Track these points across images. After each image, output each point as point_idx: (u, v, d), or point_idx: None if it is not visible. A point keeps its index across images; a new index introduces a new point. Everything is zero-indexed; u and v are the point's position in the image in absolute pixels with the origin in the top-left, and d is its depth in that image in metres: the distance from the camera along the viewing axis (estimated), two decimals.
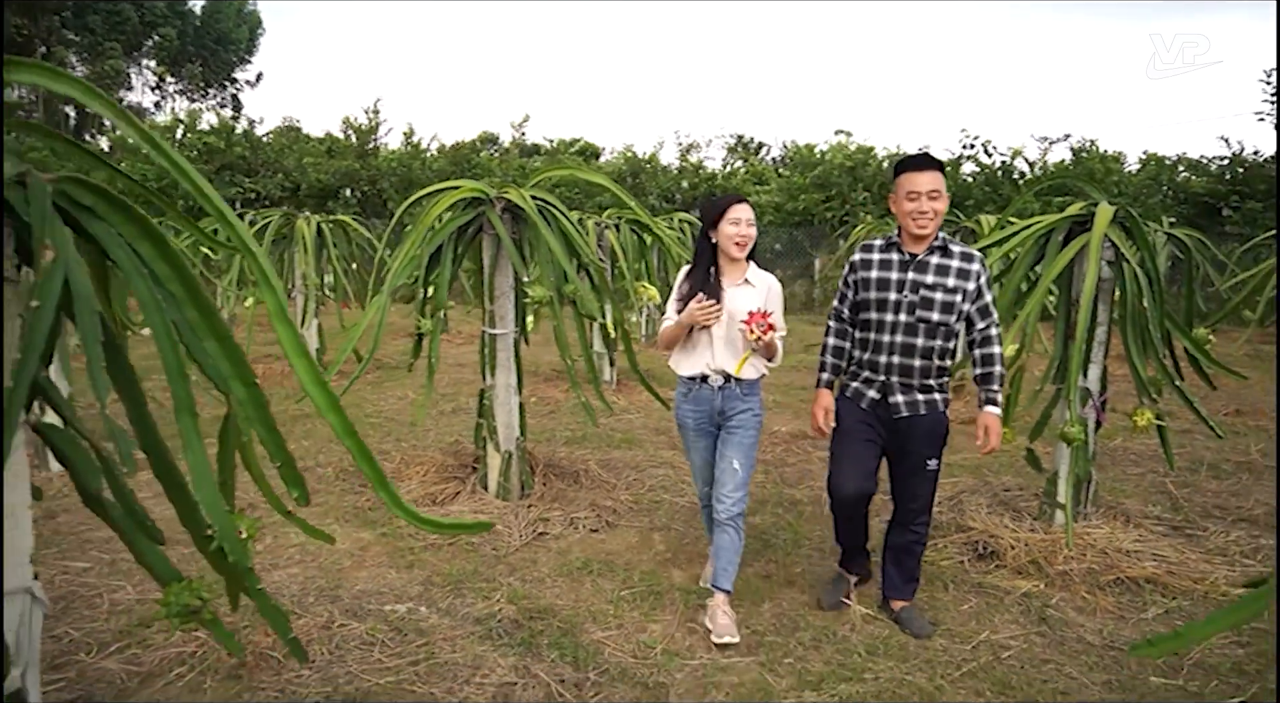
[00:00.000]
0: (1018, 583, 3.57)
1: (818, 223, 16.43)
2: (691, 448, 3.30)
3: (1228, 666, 2.94)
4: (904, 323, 3.01)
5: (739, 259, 3.11)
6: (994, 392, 3.06)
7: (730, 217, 3.08)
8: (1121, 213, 3.82)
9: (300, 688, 2.70)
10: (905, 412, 3.05)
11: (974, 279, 3.01)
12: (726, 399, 3.12)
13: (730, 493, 3.12)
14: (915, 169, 2.97)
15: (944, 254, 3.02)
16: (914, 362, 3.02)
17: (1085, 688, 2.79)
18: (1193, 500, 4.66)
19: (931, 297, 2.98)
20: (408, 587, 3.47)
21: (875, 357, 3.07)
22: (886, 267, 3.07)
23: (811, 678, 2.82)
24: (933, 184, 2.94)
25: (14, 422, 1.32)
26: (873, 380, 3.10)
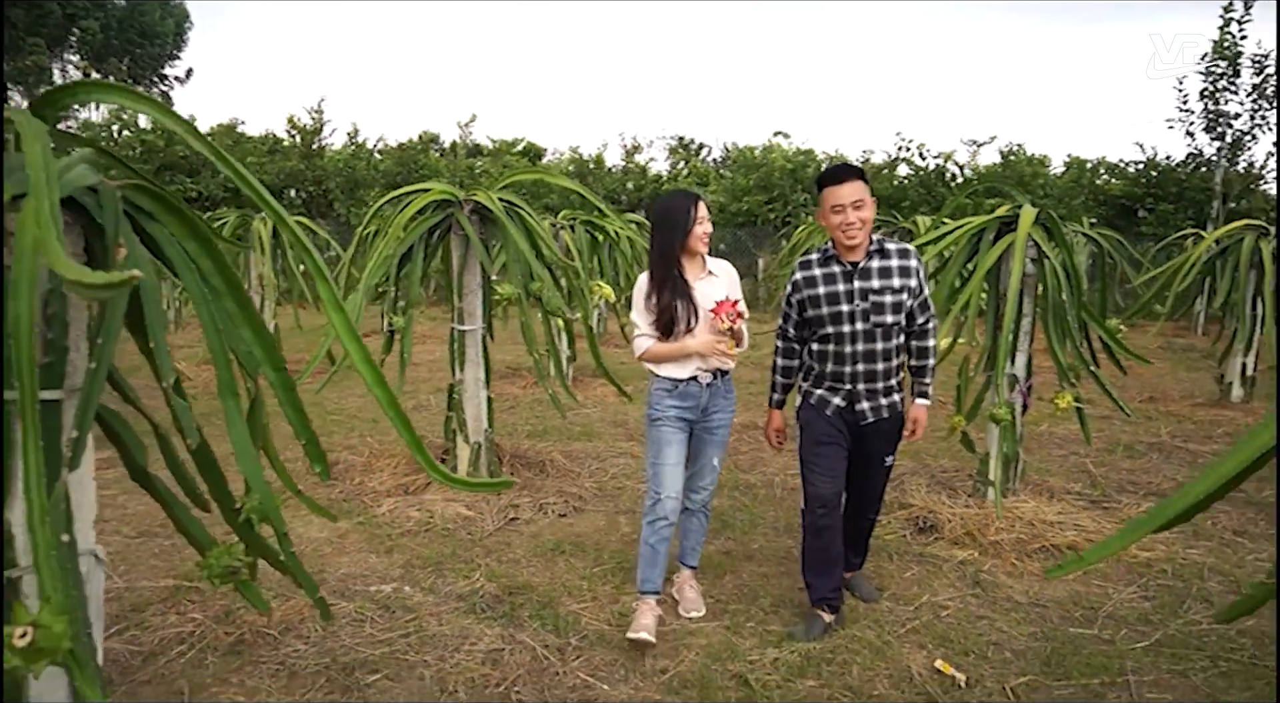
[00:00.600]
0: (955, 552, 3.92)
1: (761, 223, 16.87)
2: (670, 442, 3.12)
3: (1135, 616, 3.32)
4: (862, 331, 3.04)
5: (699, 254, 3.12)
6: (925, 384, 3.21)
7: (696, 216, 3.08)
8: (1043, 214, 4.20)
9: (299, 661, 2.88)
10: (871, 418, 3.10)
11: (914, 275, 3.08)
12: (712, 396, 3.15)
13: (707, 485, 3.28)
14: (836, 182, 2.99)
15: (882, 256, 3.07)
16: (877, 366, 3.07)
17: (1014, 639, 3.13)
18: (1109, 478, 5.09)
19: (882, 300, 3.02)
20: (389, 570, 3.65)
21: (839, 368, 3.09)
22: (831, 280, 3.07)
23: (772, 638, 3.10)
24: (855, 194, 2.96)
25: (95, 398, 1.50)
26: (838, 389, 3.12)
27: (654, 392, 3.16)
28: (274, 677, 2.77)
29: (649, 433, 3.18)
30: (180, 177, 15.29)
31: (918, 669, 2.87)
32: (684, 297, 3.05)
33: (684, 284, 3.07)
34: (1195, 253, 6.42)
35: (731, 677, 2.83)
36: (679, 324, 3.05)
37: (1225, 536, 4.18)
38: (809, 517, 3.17)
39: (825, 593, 3.19)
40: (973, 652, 3.02)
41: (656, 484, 3.12)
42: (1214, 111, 12.66)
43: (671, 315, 3.04)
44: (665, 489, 3.10)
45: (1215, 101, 12.56)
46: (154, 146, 14.56)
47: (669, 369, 3.11)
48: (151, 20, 32.64)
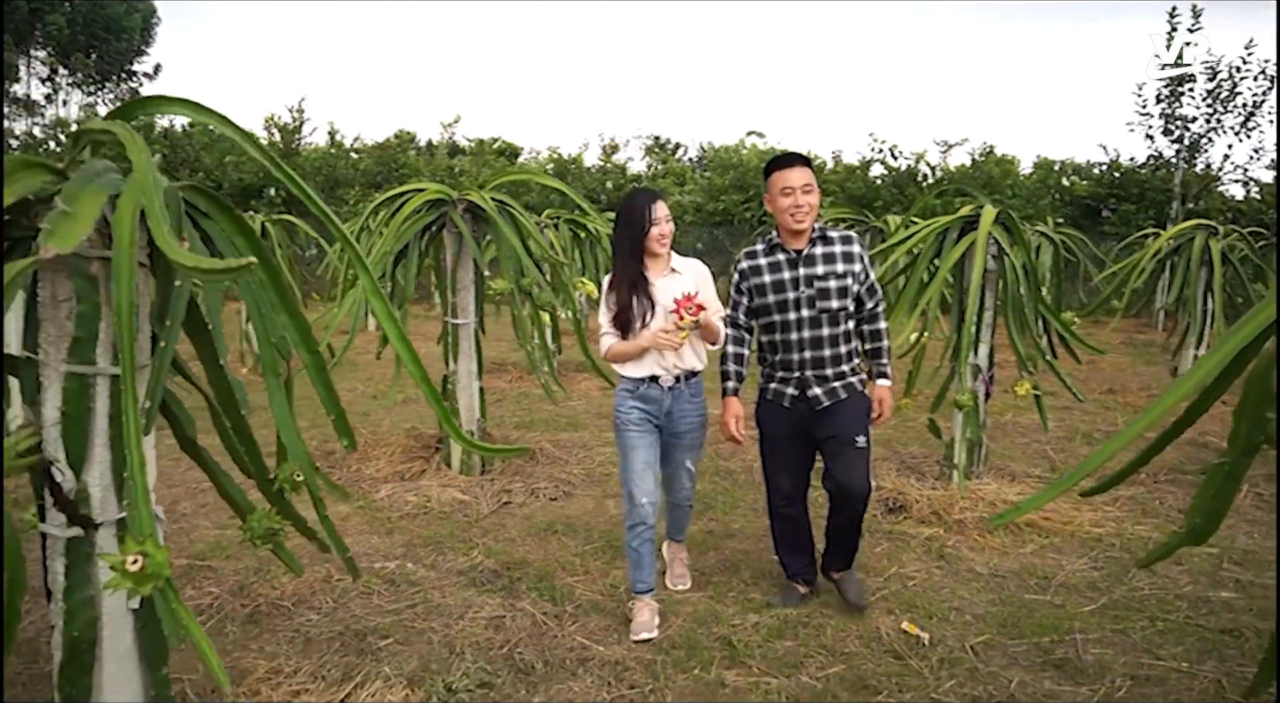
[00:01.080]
0: (921, 530, 4.20)
1: (737, 222, 17.16)
2: (636, 446, 3.12)
3: (1084, 584, 3.61)
4: (808, 318, 3.10)
5: (662, 254, 3.13)
6: (883, 365, 3.26)
7: (650, 218, 3.06)
8: (1003, 214, 4.49)
9: (313, 629, 3.08)
10: (826, 401, 3.14)
11: (858, 260, 3.15)
12: (676, 399, 3.13)
13: (685, 487, 3.35)
14: (786, 166, 3.08)
15: (825, 243, 3.14)
16: (824, 352, 3.12)
17: (974, 605, 3.41)
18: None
19: (827, 286, 3.09)
20: (392, 549, 3.86)
21: (788, 356, 3.15)
22: (776, 268, 3.14)
23: (753, 606, 3.35)
24: (804, 179, 3.06)
25: (164, 372, 1.71)
26: (789, 378, 3.17)
27: (618, 394, 3.19)
28: (291, 643, 2.98)
29: (617, 439, 3.19)
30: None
31: (886, 631, 3.14)
32: (642, 294, 3.06)
33: (644, 282, 3.08)
34: (1149, 251, 6.77)
35: (716, 639, 3.08)
36: (635, 322, 3.05)
37: (1170, 513, 4.50)
38: (774, 509, 3.36)
39: (798, 569, 3.37)
40: (936, 615, 3.29)
41: (629, 488, 3.12)
42: (1170, 115, 13.12)
43: (629, 313, 3.05)
44: (639, 495, 3.09)
45: (1171, 105, 13.02)
46: None
47: (629, 368, 3.12)
48: (117, 14, 32.13)
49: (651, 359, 3.10)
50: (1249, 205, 14.69)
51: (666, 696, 2.69)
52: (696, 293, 3.00)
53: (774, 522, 3.39)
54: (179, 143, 15.84)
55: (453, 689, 2.62)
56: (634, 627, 3.07)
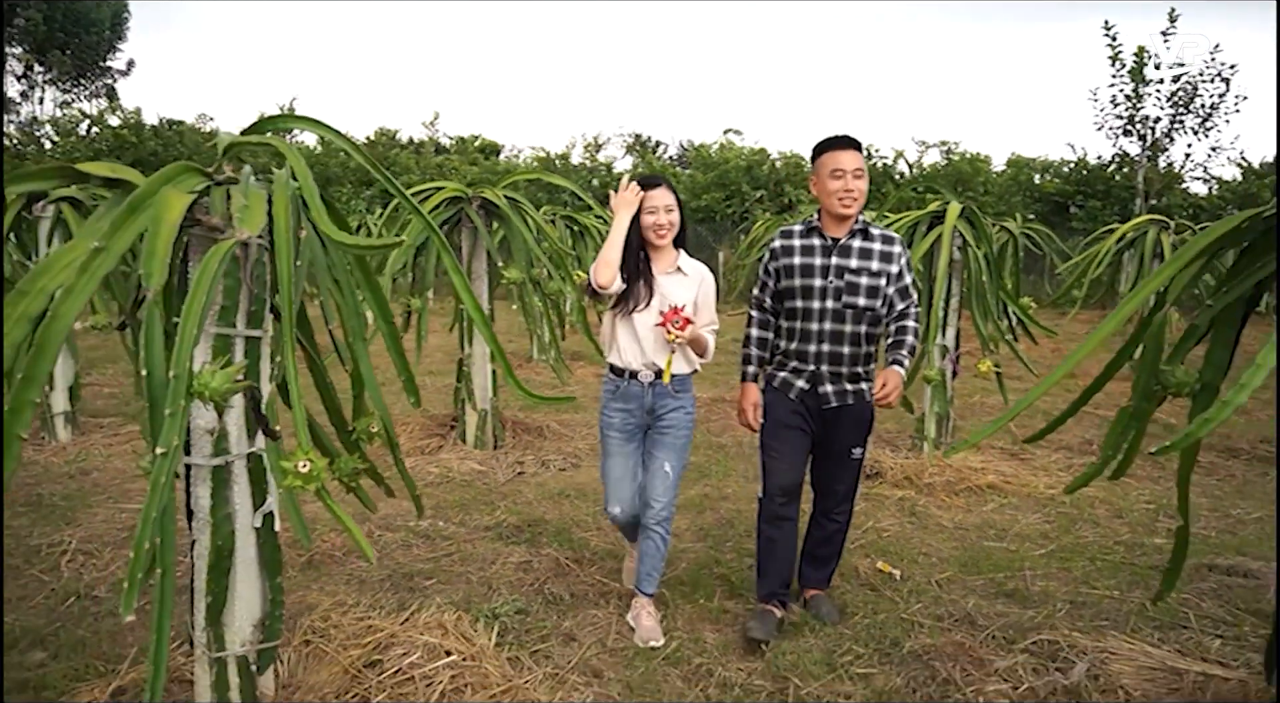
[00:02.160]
0: (895, 492, 4.69)
1: (719, 219, 17.66)
2: (613, 454, 3.03)
3: (1037, 534, 4.12)
4: (831, 310, 2.94)
5: (664, 247, 2.97)
6: (901, 356, 3.01)
7: (645, 205, 2.89)
8: (967, 210, 4.99)
9: (365, 574, 3.52)
10: (835, 402, 2.99)
11: (896, 262, 2.98)
12: (658, 396, 2.96)
13: (660, 497, 2.98)
14: (839, 147, 2.91)
15: (865, 238, 2.97)
16: (843, 349, 2.95)
17: (939, 550, 3.90)
18: (1026, 435, 5.93)
19: (857, 281, 2.92)
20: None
21: (804, 346, 2.98)
22: (809, 252, 2.98)
23: (748, 554, 3.82)
24: (856, 162, 2.89)
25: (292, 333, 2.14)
26: (801, 370, 3.01)
27: (603, 394, 3.08)
28: (348, 584, 3.41)
29: (600, 442, 3.15)
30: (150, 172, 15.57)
31: (863, 570, 3.62)
32: (645, 281, 2.92)
33: (647, 270, 2.94)
34: (1105, 245, 7.31)
35: (716, 577, 3.55)
36: (632, 301, 2.90)
37: (1120, 478, 5.02)
38: (767, 506, 3.11)
39: (775, 588, 3.11)
40: (906, 558, 3.78)
41: (605, 492, 3.11)
42: (1131, 116, 13.75)
43: (624, 294, 2.91)
44: (610, 502, 3.08)
45: (1133, 106, 13.66)
46: (126, 141, 14.83)
47: (612, 356, 3.01)
48: (86, 9, 31.66)
49: (629, 352, 2.95)
50: (1210, 201, 15.38)
51: (677, 620, 3.16)
52: (684, 307, 2.86)
53: (762, 527, 3.15)
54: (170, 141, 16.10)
55: (496, 615, 3.07)
56: (639, 635, 2.98)
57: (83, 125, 15.76)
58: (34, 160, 15.54)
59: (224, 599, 2.22)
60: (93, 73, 33.35)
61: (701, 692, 2.67)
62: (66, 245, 1.92)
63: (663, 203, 2.92)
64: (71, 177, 2.11)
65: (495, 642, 2.82)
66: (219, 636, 2.24)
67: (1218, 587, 3.46)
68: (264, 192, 1.94)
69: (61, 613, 3.09)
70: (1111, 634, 2.97)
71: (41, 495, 4.31)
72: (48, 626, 2.99)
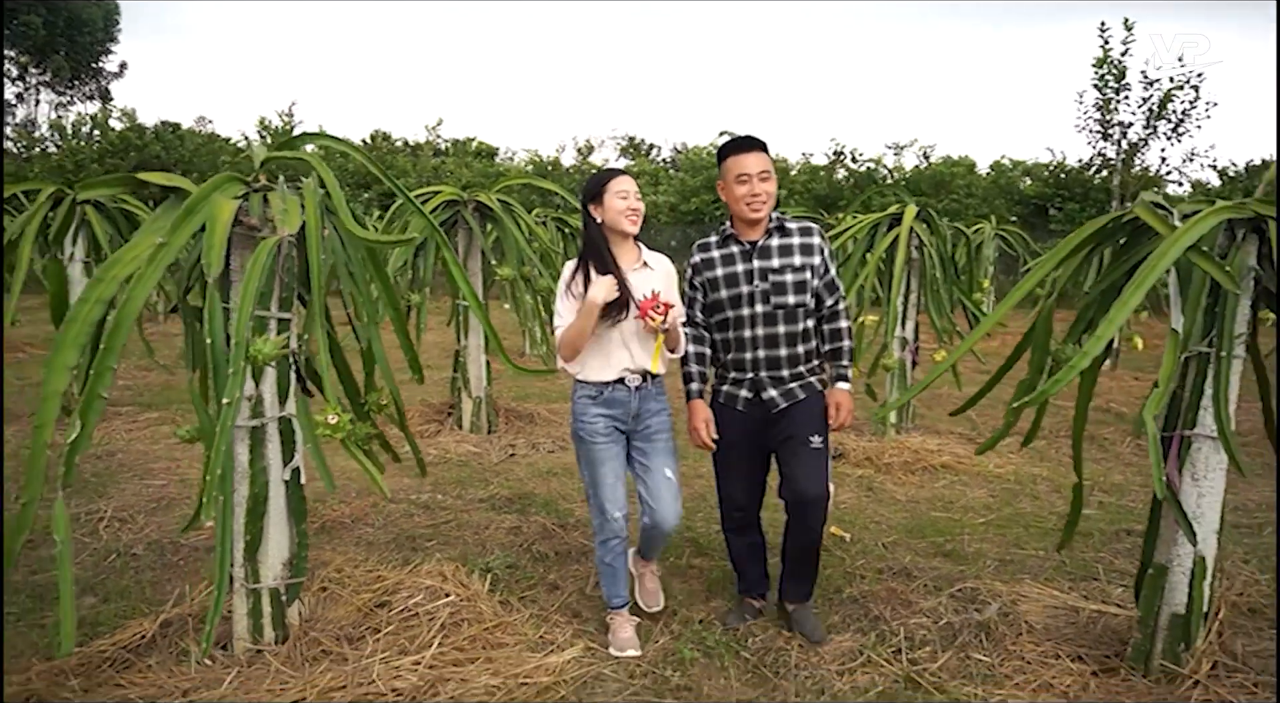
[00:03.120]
0: (855, 470, 5.12)
1: (709, 221, 18.10)
2: (602, 460, 2.88)
3: (980, 506, 4.55)
4: (762, 314, 2.87)
5: (630, 236, 2.85)
6: (844, 367, 2.97)
7: (615, 189, 2.80)
8: (924, 212, 5.42)
9: (372, 537, 3.93)
10: (782, 403, 2.90)
11: (817, 253, 2.91)
12: (643, 400, 2.89)
13: (671, 505, 2.91)
14: (742, 150, 2.83)
15: (782, 234, 2.91)
16: (780, 352, 2.88)
17: (890, 519, 4.32)
18: (984, 423, 6.37)
19: (782, 280, 2.85)
20: (421, 486, 4.71)
21: (740, 355, 2.92)
22: (730, 261, 2.91)
23: (714, 520, 4.23)
24: (761, 165, 2.82)
25: (321, 317, 2.56)
26: (741, 380, 2.94)
27: (578, 402, 2.91)
28: (356, 545, 3.82)
29: (579, 452, 2.96)
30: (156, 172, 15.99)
31: None
32: (620, 285, 2.78)
33: (616, 268, 2.80)
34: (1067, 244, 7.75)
35: (686, 541, 3.97)
36: (614, 311, 2.77)
37: (1062, 458, 5.46)
38: (727, 521, 3.14)
39: (753, 581, 3.17)
40: (859, 525, 4.21)
41: (599, 504, 2.90)
42: (1105, 121, 14.20)
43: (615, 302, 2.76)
44: (611, 509, 2.88)
45: (1106, 112, 14.10)
46: (131, 143, 15.23)
47: (592, 371, 2.86)
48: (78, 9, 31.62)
49: (615, 360, 2.85)
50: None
51: None
52: (660, 292, 2.81)
53: (727, 536, 3.18)
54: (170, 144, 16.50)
55: (489, 568, 3.48)
56: (617, 643, 2.90)
57: (84, 128, 16.12)
58: (39, 164, 15.93)
59: (259, 540, 2.64)
60: (86, 74, 33.54)
61: (665, 627, 3.09)
62: (131, 242, 2.34)
63: (632, 189, 2.85)
64: (135, 184, 2.53)
65: (488, 588, 3.23)
66: (255, 571, 2.65)
67: (1131, 548, 3.89)
68: (297, 197, 2.35)
69: (105, 567, 3.50)
70: (1028, 583, 3.41)
71: None
72: (94, 577, 3.40)
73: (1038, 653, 2.82)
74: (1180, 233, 2.26)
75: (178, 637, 2.80)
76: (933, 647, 2.90)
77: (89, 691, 2.55)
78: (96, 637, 2.84)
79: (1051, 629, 3.00)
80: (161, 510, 4.23)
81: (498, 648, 2.86)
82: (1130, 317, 2.79)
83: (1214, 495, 2.53)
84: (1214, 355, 2.42)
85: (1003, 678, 2.69)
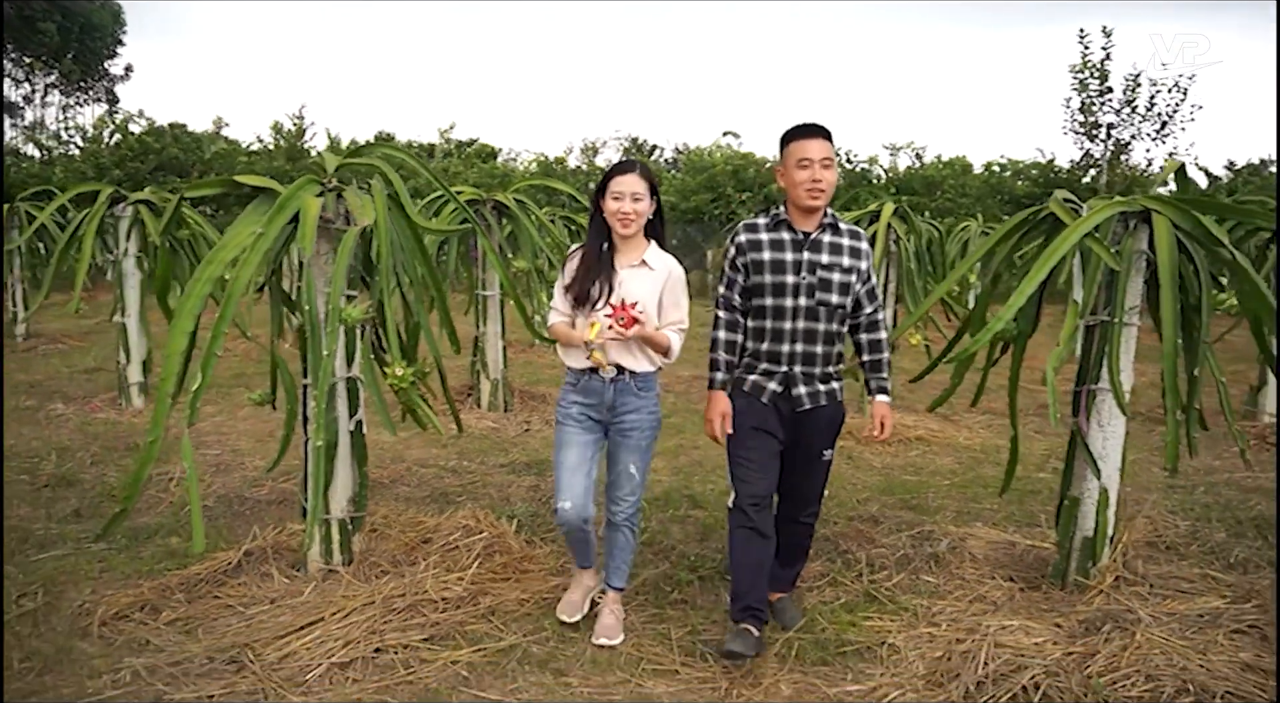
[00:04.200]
0: (839, 443, 5.66)
1: (707, 219, 18.68)
2: (566, 444, 2.88)
3: (946, 471, 5.10)
4: (804, 307, 2.77)
5: (631, 237, 2.80)
6: (883, 379, 2.91)
7: (611, 189, 2.73)
8: (900, 209, 5.98)
9: (409, 494, 4.49)
10: (808, 404, 2.82)
11: (865, 258, 2.86)
12: (620, 393, 2.83)
13: (627, 497, 2.94)
14: (806, 136, 2.75)
15: (834, 232, 2.83)
16: (816, 349, 2.80)
17: (865, 482, 4.88)
18: (957, 402, 6.91)
19: (830, 277, 2.77)
20: (448, 456, 5.27)
21: (776, 346, 2.81)
22: (779, 247, 2.80)
23: (713, 481, 4.79)
24: (824, 151, 2.73)
25: (389, 294, 3.11)
26: (773, 372, 2.82)
27: (563, 386, 2.96)
28: (396, 500, 4.37)
29: (555, 432, 2.98)
30: (171, 177, 16.57)
31: None
32: (603, 278, 2.77)
33: (609, 266, 2.80)
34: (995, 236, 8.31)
35: (685, 497, 4.52)
36: (587, 304, 2.76)
37: (1027, 432, 6.01)
38: (737, 516, 2.86)
39: (751, 602, 2.83)
40: (835, 486, 4.76)
41: (556, 489, 2.90)
42: (1090, 122, 14.76)
43: (580, 290, 2.78)
44: (561, 496, 2.86)
45: (1090, 113, 14.66)
46: (151, 147, 15.83)
47: (570, 357, 2.88)
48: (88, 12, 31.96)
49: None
50: None
51: (652, 521, 4.13)
52: (635, 304, 2.73)
53: (734, 540, 2.87)
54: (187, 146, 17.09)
55: (514, 515, 4.04)
56: (561, 605, 3.05)
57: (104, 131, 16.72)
58: (60, 166, 16.51)
59: (330, 480, 3.20)
60: (93, 76, 33.99)
61: (666, 559, 3.65)
62: (232, 230, 2.90)
63: (630, 190, 2.73)
64: (233, 186, 3.09)
65: (515, 530, 3.79)
66: (326, 505, 3.21)
67: None
68: (367, 195, 2.91)
69: (184, 516, 4.06)
70: (978, 527, 3.96)
71: (137, 443, 5.28)
72: (176, 523, 3.96)
73: (976, 575, 3.38)
74: (1080, 222, 2.82)
75: (259, 563, 3.37)
76: (890, 571, 3.46)
77: (191, 601, 3.11)
78: (187, 567, 3.41)
79: (991, 559, 3.56)
80: (221, 473, 4.79)
81: (525, 573, 3.42)
82: None
83: (1116, 439, 3.09)
84: (1110, 323, 2.97)
85: (945, 592, 3.25)
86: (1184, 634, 2.79)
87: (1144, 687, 2.54)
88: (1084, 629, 2.85)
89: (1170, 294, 2.77)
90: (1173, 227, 2.82)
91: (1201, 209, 2.80)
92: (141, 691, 2.57)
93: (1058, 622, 2.92)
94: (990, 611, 3.07)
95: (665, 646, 2.93)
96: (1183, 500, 4.51)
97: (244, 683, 2.60)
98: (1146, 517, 4.08)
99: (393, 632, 2.86)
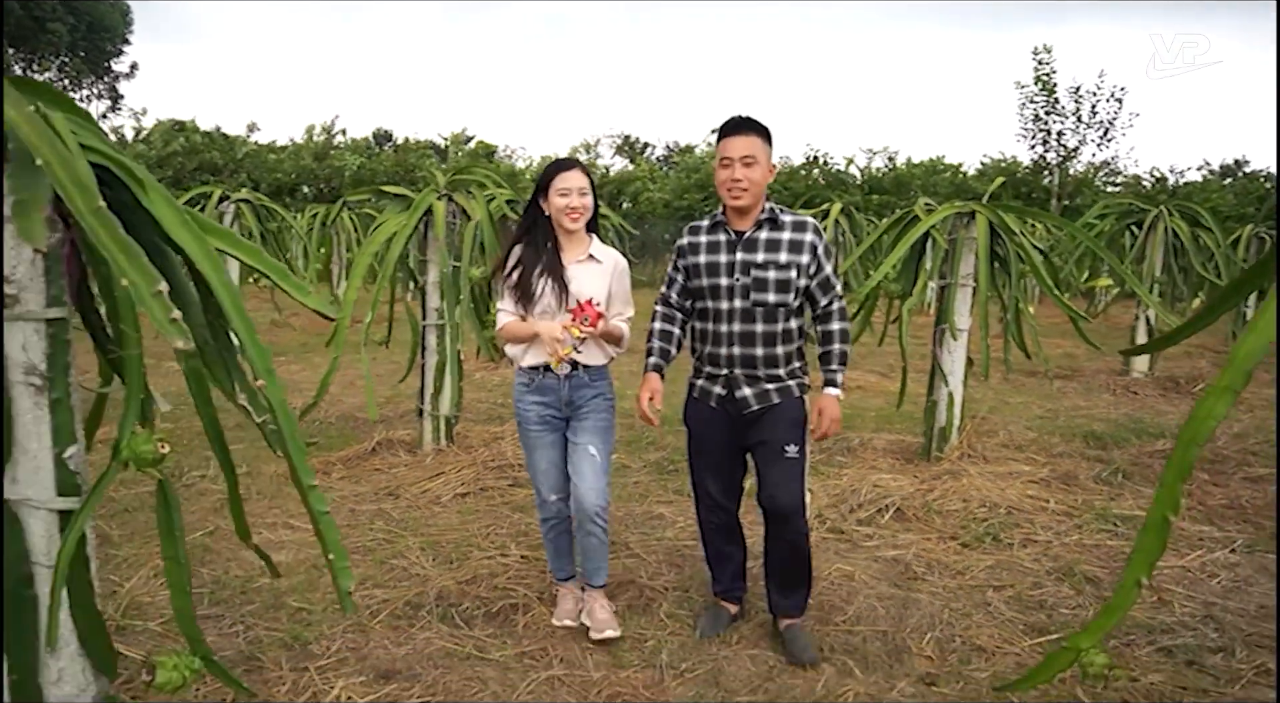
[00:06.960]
0: None
1: (698, 216, 20.29)
2: (535, 446, 2.92)
3: (876, 408, 6.73)
4: (740, 309, 2.73)
5: (575, 233, 2.82)
6: (832, 372, 2.80)
7: (558, 186, 2.75)
8: (845, 207, 7.59)
9: (473, 417, 6.07)
10: (756, 405, 2.77)
11: (807, 250, 2.73)
12: (574, 388, 2.85)
13: (593, 485, 2.84)
14: (729, 133, 2.70)
15: (773, 227, 2.74)
16: (755, 351, 2.74)
17: None
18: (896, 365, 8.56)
19: (765, 276, 2.70)
20: (503, 399, 6.85)
21: (715, 349, 2.79)
22: (714, 249, 2.78)
23: None
24: (746, 149, 2.66)
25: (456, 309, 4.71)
26: (716, 375, 2.82)
27: (516, 389, 2.95)
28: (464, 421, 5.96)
29: (519, 436, 3.01)
30: (206, 175, 18.11)
31: None
32: (552, 274, 2.78)
33: (556, 261, 2.80)
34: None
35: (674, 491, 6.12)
36: (536, 302, 2.77)
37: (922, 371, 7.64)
38: (702, 514, 3.02)
39: (727, 584, 3.02)
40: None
41: (536, 486, 3.01)
42: (1042, 130, 16.40)
43: (527, 288, 2.78)
44: (545, 492, 2.97)
45: (1041, 122, 16.29)
46: (195, 147, 17.38)
47: (522, 356, 2.87)
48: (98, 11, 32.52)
49: (542, 347, 2.77)
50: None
51: (639, 475, 5.71)
52: (596, 302, 2.77)
53: (703, 531, 3.05)
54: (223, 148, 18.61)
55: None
56: (557, 614, 3.06)
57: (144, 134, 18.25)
58: None
59: (440, 387, 4.80)
60: (99, 74, 34.76)
61: (651, 497, 5.24)
62: (381, 220, 4.49)
63: (577, 185, 2.77)
64: (379, 193, 4.68)
65: None
66: (436, 405, 4.81)
67: None
68: (477, 199, 4.50)
69: (317, 428, 5.63)
70: (882, 434, 5.59)
71: None
72: (317, 431, 5.54)
73: (873, 458, 5.00)
74: (927, 219, 4.43)
75: (386, 450, 4.97)
76: (816, 456, 5.08)
77: (349, 468, 4.71)
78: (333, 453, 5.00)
79: (887, 449, 5.19)
80: (332, 404, 6.38)
81: None
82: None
83: (959, 360, 4.72)
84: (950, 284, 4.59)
85: (851, 466, 4.87)
86: (994, 481, 4.43)
87: (959, 504, 4.17)
88: (931, 478, 4.48)
89: (985, 264, 4.40)
90: (988, 222, 4.44)
91: (1006, 210, 4.42)
92: (335, 510, 4.16)
93: (916, 474, 4.56)
94: (875, 472, 4.69)
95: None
96: (1044, 424, 6.14)
97: (400, 504, 4.20)
98: (1006, 429, 5.71)
99: (490, 477, 4.47)
